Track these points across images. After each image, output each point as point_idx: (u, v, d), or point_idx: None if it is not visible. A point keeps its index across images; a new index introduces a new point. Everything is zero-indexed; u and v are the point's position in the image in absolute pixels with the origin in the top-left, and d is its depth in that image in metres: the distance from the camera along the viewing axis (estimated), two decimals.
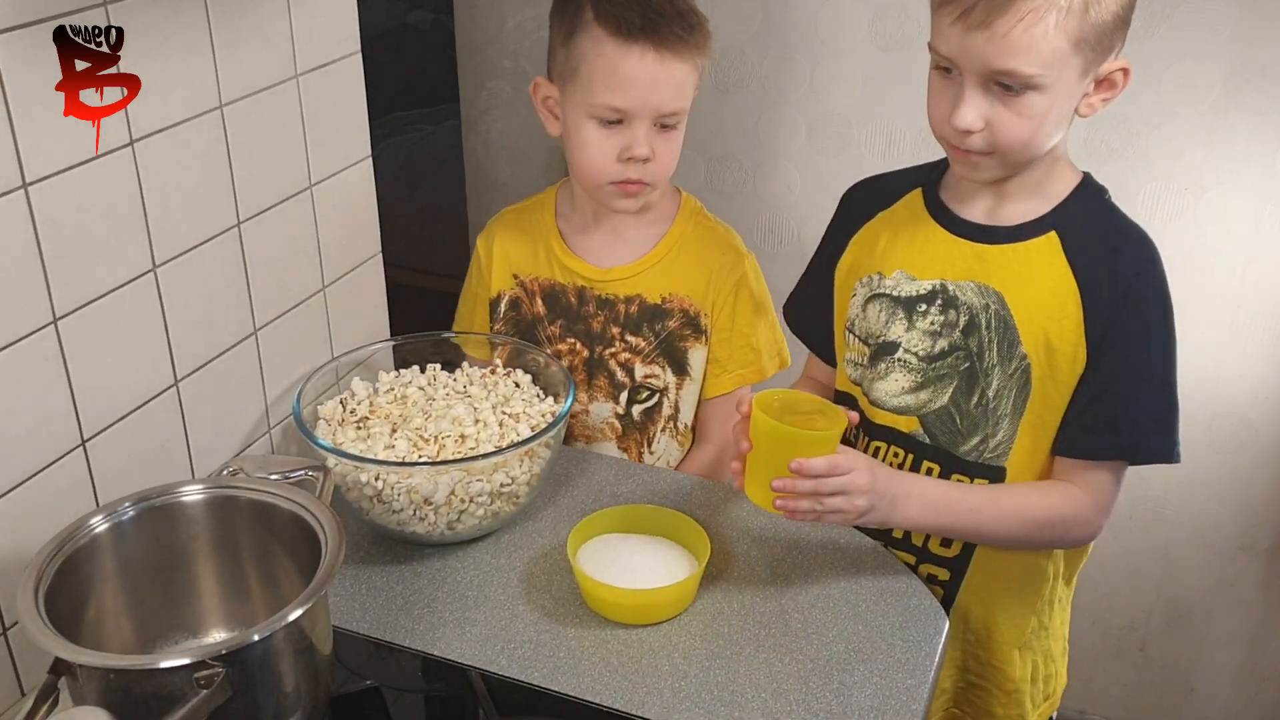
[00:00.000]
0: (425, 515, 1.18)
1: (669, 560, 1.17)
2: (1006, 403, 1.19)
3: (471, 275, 1.53)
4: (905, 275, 1.23)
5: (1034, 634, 1.31)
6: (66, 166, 0.96)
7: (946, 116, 1.12)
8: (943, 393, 1.22)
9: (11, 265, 0.93)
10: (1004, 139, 1.11)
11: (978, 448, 1.21)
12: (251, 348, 1.22)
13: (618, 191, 1.36)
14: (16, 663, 1.00)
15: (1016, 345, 1.17)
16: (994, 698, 1.34)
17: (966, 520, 1.16)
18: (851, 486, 1.09)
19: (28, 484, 0.98)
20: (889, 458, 1.26)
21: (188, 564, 0.99)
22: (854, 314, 1.28)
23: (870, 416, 1.27)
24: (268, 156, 1.19)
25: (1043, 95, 1.08)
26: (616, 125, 1.32)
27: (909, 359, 1.23)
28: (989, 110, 1.10)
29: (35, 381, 0.97)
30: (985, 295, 1.18)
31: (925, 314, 1.22)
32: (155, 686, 0.82)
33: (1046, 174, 1.18)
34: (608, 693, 1.04)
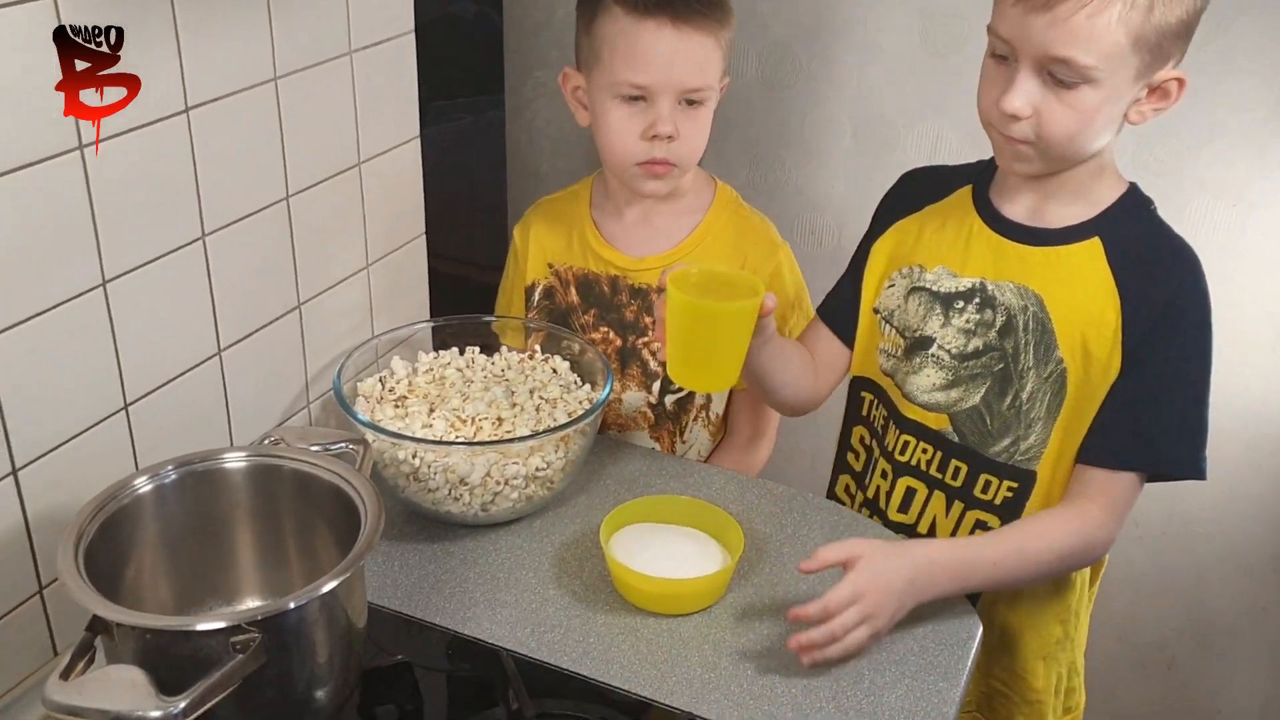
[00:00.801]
0: (460, 495, 1.18)
1: (701, 552, 1.17)
2: (1040, 406, 1.18)
3: (509, 265, 1.53)
4: (947, 271, 1.23)
5: (1058, 644, 1.30)
6: (122, 130, 0.96)
7: (995, 100, 1.11)
8: (974, 392, 1.21)
9: (65, 226, 0.93)
10: (1050, 130, 1.10)
11: (1008, 449, 1.20)
12: (295, 321, 1.23)
13: (644, 173, 1.35)
14: (51, 622, 1.00)
15: (1053, 349, 1.17)
16: (1016, 707, 1.33)
17: (991, 574, 1.13)
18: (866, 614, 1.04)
19: (70, 444, 0.98)
20: (917, 454, 1.25)
21: (227, 530, 0.99)
22: (894, 304, 1.28)
23: (902, 410, 1.27)
24: (319, 131, 1.20)
25: (1095, 90, 1.07)
26: (639, 104, 1.31)
27: (942, 355, 1.22)
28: (1039, 99, 1.09)
29: (82, 343, 0.98)
30: (1024, 297, 1.18)
31: (962, 311, 1.21)
32: (191, 649, 0.82)
33: (1092, 179, 1.17)
34: (637, 680, 1.04)
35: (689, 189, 1.43)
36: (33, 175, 0.89)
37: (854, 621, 1.04)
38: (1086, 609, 1.32)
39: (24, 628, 0.98)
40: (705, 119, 1.35)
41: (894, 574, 1.07)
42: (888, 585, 1.06)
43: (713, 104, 1.35)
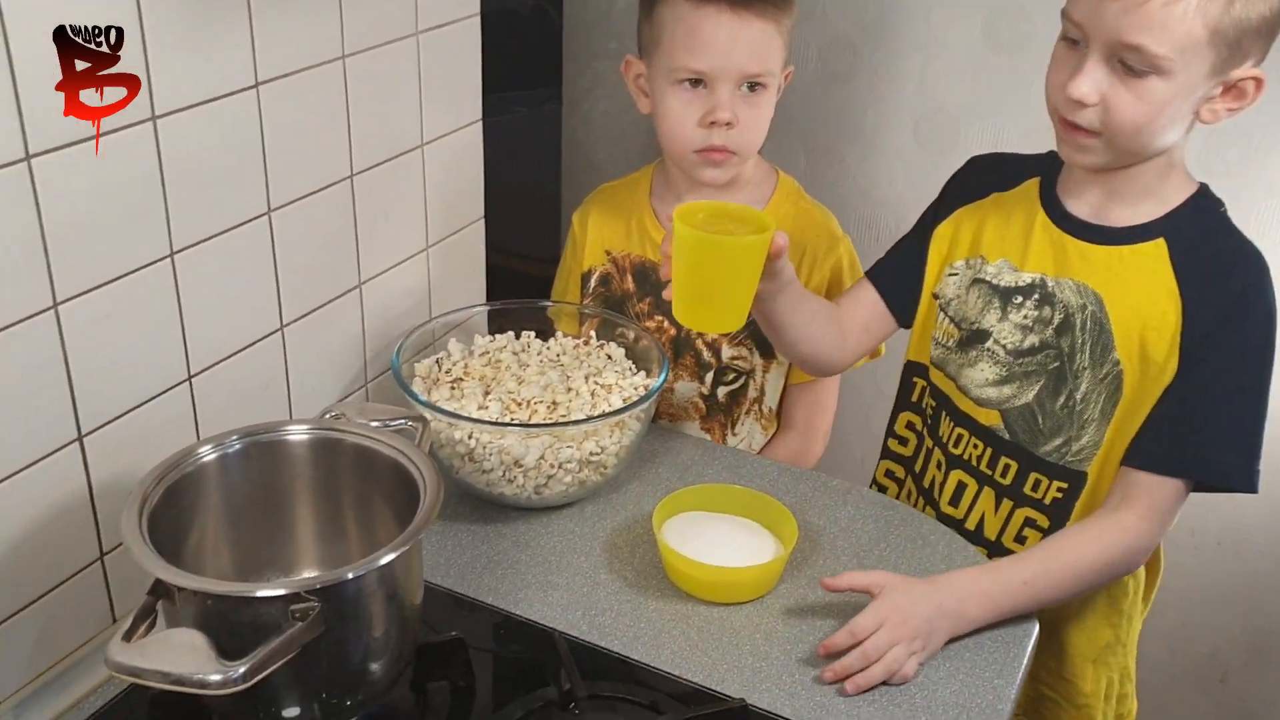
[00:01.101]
0: (514, 477, 1.18)
1: (754, 541, 1.16)
2: (1095, 407, 1.16)
3: (567, 251, 1.53)
4: (1008, 265, 1.21)
5: (1108, 648, 1.28)
6: (194, 103, 0.97)
7: (1063, 85, 1.09)
8: (1028, 390, 1.19)
9: (136, 195, 0.94)
10: (1117, 120, 1.07)
11: (1059, 449, 1.18)
12: (355, 300, 1.24)
13: (703, 160, 1.34)
14: (111, 589, 1.01)
15: (1110, 350, 1.14)
16: (1064, 711, 1.31)
17: (1024, 595, 1.10)
18: (895, 638, 1.03)
19: (134, 413, 0.99)
20: (969, 448, 1.24)
21: (287, 502, 1.00)
22: (953, 294, 1.26)
23: (956, 402, 1.25)
24: (384, 111, 1.20)
25: (1166, 82, 1.05)
26: (699, 89, 1.31)
27: (997, 350, 1.20)
28: (1107, 87, 1.06)
29: (149, 313, 0.99)
30: (1083, 295, 1.16)
31: (1020, 307, 1.19)
32: (251, 615, 0.82)
33: (1160, 178, 1.14)
34: (688, 666, 1.04)
35: (750, 179, 1.43)
36: (107, 144, 0.90)
37: (885, 644, 1.03)
38: (1140, 614, 1.30)
39: (85, 593, 0.99)
40: (766, 106, 1.34)
41: (919, 601, 1.06)
42: (912, 609, 1.05)
43: (774, 92, 1.34)
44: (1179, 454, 1.13)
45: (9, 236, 0.85)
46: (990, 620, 1.09)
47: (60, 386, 0.92)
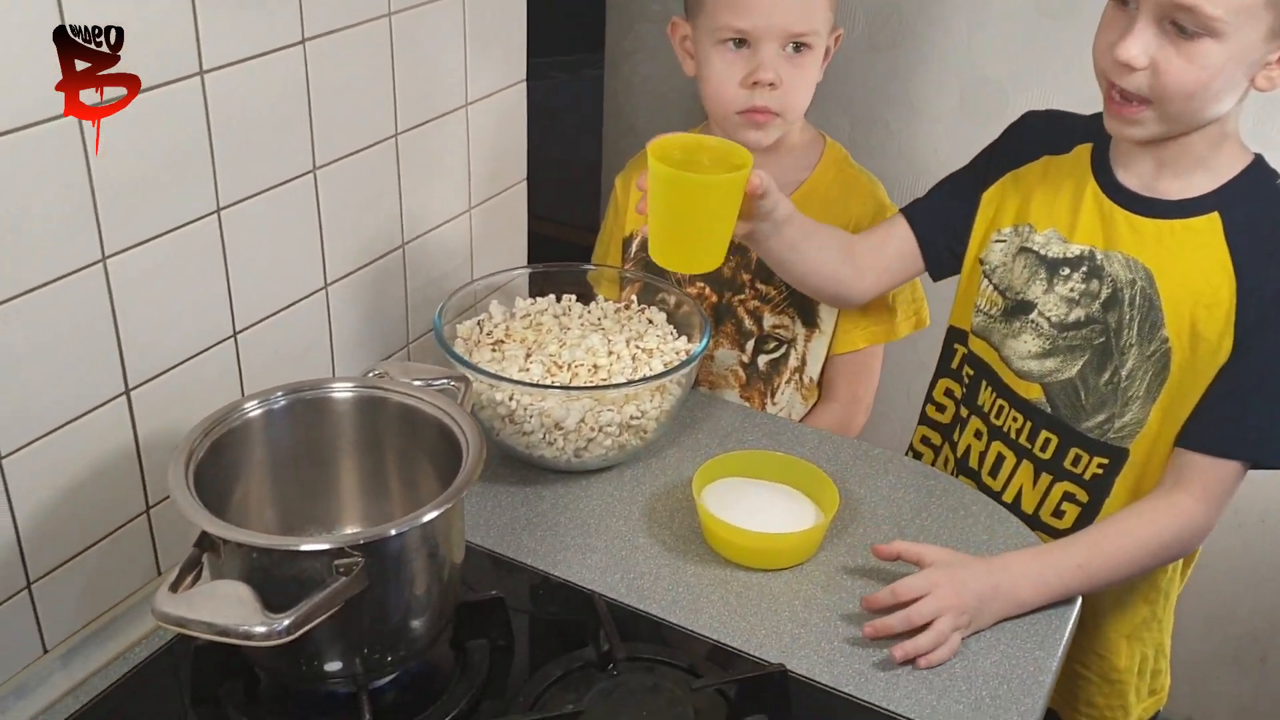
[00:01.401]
0: (554, 440, 1.18)
1: (794, 508, 1.16)
2: (1140, 385, 1.14)
3: (609, 215, 1.52)
4: (1057, 235, 1.18)
5: (1144, 624, 1.27)
6: (242, 58, 0.97)
7: (1111, 47, 1.05)
8: (1072, 364, 1.17)
9: (184, 151, 0.95)
10: (1168, 85, 1.03)
11: (1101, 426, 1.16)
12: (398, 260, 1.24)
13: (745, 121, 1.33)
14: (156, 542, 1.02)
15: (1159, 327, 1.12)
16: (1095, 687, 1.30)
17: (1077, 578, 1.08)
18: (943, 607, 1.01)
19: (180, 368, 1.00)
20: (1008, 420, 1.22)
21: (331, 459, 1.00)
22: (999, 261, 1.23)
23: (998, 373, 1.23)
24: (429, 70, 1.20)
25: (1219, 45, 1.01)
26: (742, 49, 1.29)
27: (1041, 323, 1.18)
28: (1157, 50, 1.03)
29: (196, 269, 0.99)
30: (1133, 270, 1.13)
31: (1067, 279, 1.17)
32: (296, 569, 0.83)
33: (1213, 148, 1.11)
34: (726, 631, 1.03)
35: (796, 144, 1.41)
36: (155, 99, 0.90)
37: (931, 612, 1.01)
38: (1177, 590, 1.29)
39: (131, 545, 1.00)
40: (810, 68, 1.32)
41: (974, 578, 1.04)
42: (966, 583, 1.03)
43: (820, 53, 1.32)
44: (1237, 435, 1.11)
45: (59, 190, 0.85)
46: (1042, 603, 1.07)
47: (108, 340, 0.92)
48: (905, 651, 1.00)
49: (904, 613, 1.02)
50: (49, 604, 0.94)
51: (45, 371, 0.88)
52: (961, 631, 1.03)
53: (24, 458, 0.88)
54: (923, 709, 0.96)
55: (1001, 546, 1.15)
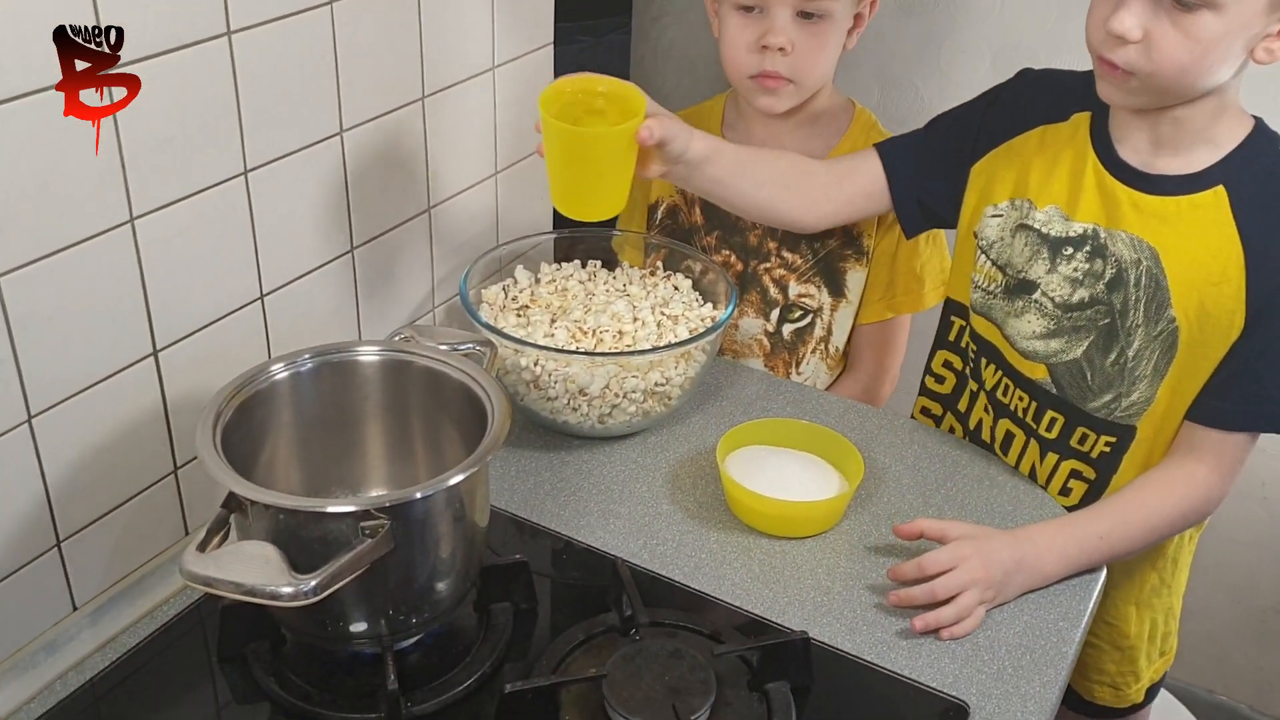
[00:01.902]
0: (579, 406, 1.18)
1: (818, 476, 1.16)
2: (1147, 364, 1.11)
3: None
4: (1059, 212, 1.14)
5: (1153, 591, 1.27)
6: (270, 18, 0.96)
7: (1104, 19, 1.01)
8: (1077, 345, 1.14)
9: (211, 112, 0.94)
10: (1161, 58, 0.99)
11: (1108, 405, 1.14)
12: (424, 225, 1.23)
13: (757, 86, 1.32)
14: (184, 502, 1.03)
15: (1166, 307, 1.08)
16: (1106, 654, 1.30)
17: (1100, 549, 1.08)
18: (969, 580, 1.01)
19: (207, 330, 1.00)
20: (1014, 399, 1.21)
21: (357, 422, 1.00)
22: (996, 236, 1.19)
23: (1002, 352, 1.21)
24: (456, 33, 1.19)
25: (1217, 17, 0.97)
26: (756, 14, 1.28)
27: (1045, 303, 1.15)
28: (1151, 21, 0.99)
29: (223, 230, 0.99)
30: (1138, 249, 1.09)
31: (1070, 259, 1.13)
32: (322, 530, 0.83)
33: (1212, 120, 1.06)
34: (749, 598, 1.04)
35: (824, 110, 1.40)
36: (183, 59, 0.90)
37: (957, 585, 1.01)
38: (1187, 556, 1.28)
39: (159, 505, 1.01)
40: (826, 36, 1.29)
41: (1000, 550, 1.04)
42: (993, 556, 1.03)
43: (839, 22, 1.30)
44: (1254, 409, 1.09)
45: (87, 150, 0.85)
46: (1065, 575, 1.07)
47: (136, 300, 0.93)
48: (926, 623, 1.00)
49: (929, 586, 1.01)
50: (78, 562, 0.95)
51: (74, 332, 0.89)
52: (986, 605, 1.02)
53: (53, 417, 0.89)
54: (945, 678, 0.96)
55: (1027, 517, 1.15)
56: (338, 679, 0.93)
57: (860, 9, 1.32)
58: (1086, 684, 1.32)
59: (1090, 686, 1.32)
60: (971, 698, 0.95)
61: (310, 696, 0.91)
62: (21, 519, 0.89)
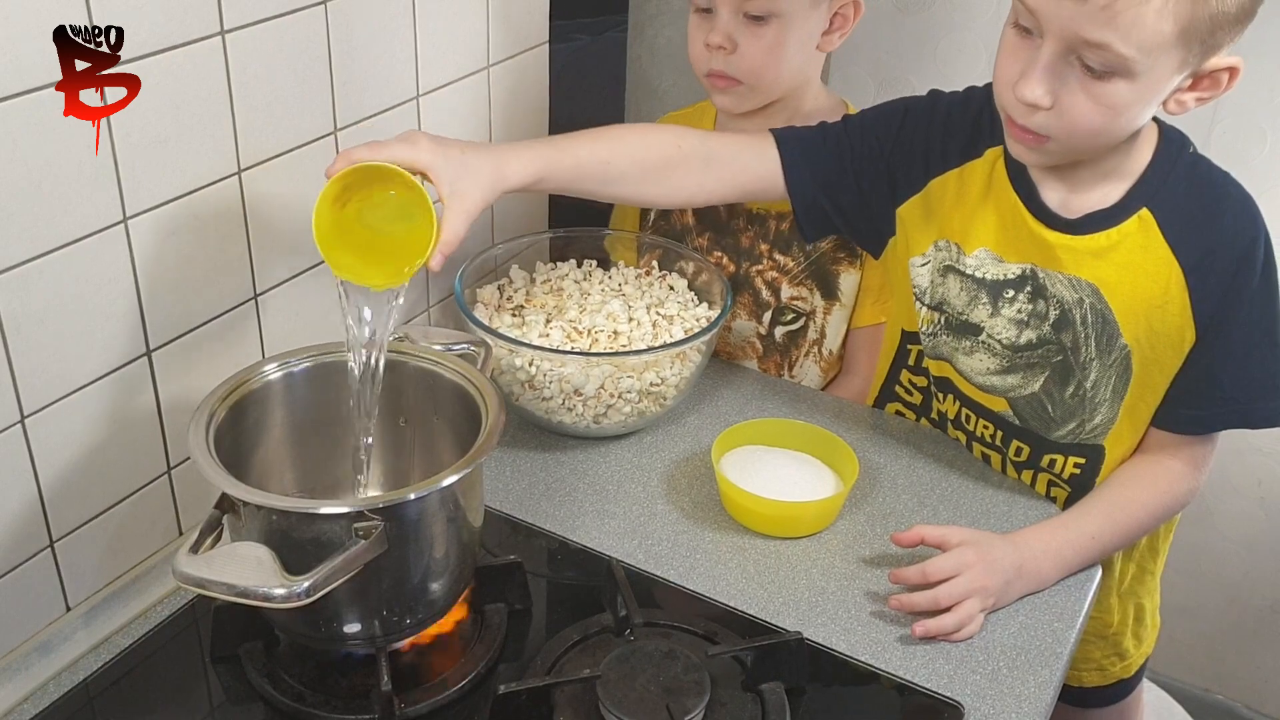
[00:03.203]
0: (574, 406, 1.18)
1: (813, 476, 1.16)
2: (1105, 389, 1.10)
3: None
4: (990, 255, 1.11)
5: (1135, 579, 1.27)
6: (263, 17, 0.96)
7: (1012, 82, 0.97)
8: (1033, 380, 1.13)
9: (206, 111, 0.94)
10: (1072, 125, 0.96)
11: (1073, 431, 1.14)
12: None
13: (710, 85, 1.32)
14: (178, 503, 1.03)
15: (1116, 337, 1.07)
16: (1091, 643, 1.30)
17: (1092, 550, 1.09)
18: (973, 588, 1.01)
19: (201, 330, 1.00)
20: (979, 427, 1.20)
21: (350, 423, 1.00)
22: (926, 283, 1.16)
23: (960, 387, 1.19)
24: (451, 31, 1.19)
25: (1130, 85, 0.93)
26: (707, 14, 1.28)
27: (993, 344, 1.13)
28: (1060, 87, 0.94)
29: (218, 230, 0.99)
30: (1078, 289, 1.07)
31: (1012, 300, 1.10)
32: (315, 532, 0.83)
33: (1125, 156, 1.04)
34: (744, 598, 1.04)
35: (813, 111, 1.39)
36: (176, 59, 0.89)
37: (960, 593, 1.01)
38: (1164, 542, 1.28)
39: (153, 506, 1.01)
40: (773, 37, 1.26)
41: (1002, 558, 1.04)
42: (996, 564, 1.03)
43: (792, 22, 1.26)
44: (1217, 414, 1.10)
45: (81, 150, 0.85)
46: (1061, 578, 1.08)
47: (129, 300, 0.92)
48: (928, 630, 1.00)
49: (932, 593, 1.01)
50: (71, 563, 0.95)
51: (67, 332, 0.88)
52: (986, 611, 1.03)
53: (46, 417, 0.89)
54: (940, 679, 0.96)
55: (1022, 517, 1.15)
56: (331, 680, 0.92)
57: (841, 9, 1.30)
58: (1074, 673, 1.33)
59: (1079, 675, 1.33)
60: (966, 698, 0.95)
61: (304, 697, 0.91)
62: (14, 520, 0.89)
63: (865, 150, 1.17)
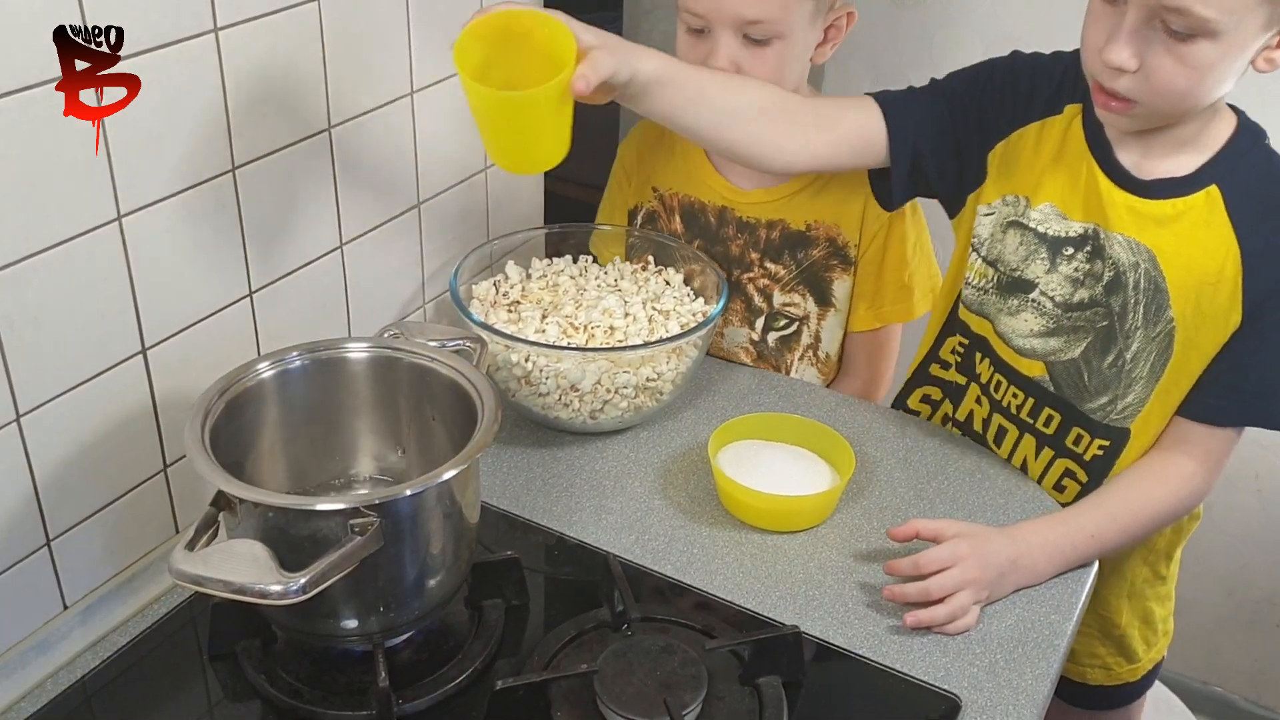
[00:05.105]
0: (570, 402, 1.18)
1: (810, 471, 1.16)
2: (1144, 366, 1.11)
3: (612, 184, 1.49)
4: (1055, 211, 1.12)
5: (1145, 583, 1.27)
6: (256, 15, 0.96)
7: (1098, 48, 1.00)
8: (1075, 345, 1.13)
9: (199, 109, 0.94)
10: (1158, 88, 0.98)
11: (1105, 407, 1.14)
12: (414, 220, 1.23)
13: None
14: (174, 501, 1.03)
15: (1165, 309, 1.08)
16: (1098, 641, 1.30)
17: (1090, 547, 1.09)
18: (966, 580, 1.01)
19: (197, 327, 1.00)
20: (1008, 396, 1.20)
21: (345, 419, 1.00)
22: (987, 234, 1.18)
23: (996, 349, 1.20)
24: (445, 26, 1.18)
25: (1214, 44, 0.94)
26: (703, 35, 1.24)
27: (1044, 302, 1.14)
28: (1146, 50, 0.97)
29: (212, 228, 0.99)
30: (1136, 253, 1.08)
31: (1071, 258, 1.11)
32: (311, 528, 0.83)
33: (1203, 127, 1.06)
34: (741, 592, 1.04)
35: None
36: (169, 56, 0.89)
37: (953, 585, 1.01)
38: (1181, 545, 1.28)
39: (149, 504, 1.01)
40: (775, 59, 1.24)
41: (997, 551, 1.04)
42: (990, 557, 1.03)
43: (792, 41, 1.24)
44: (1239, 406, 1.10)
45: (74, 148, 0.85)
46: (1057, 573, 1.07)
47: (124, 299, 0.92)
48: (919, 620, 1.00)
49: (923, 585, 1.01)
50: (68, 561, 0.95)
51: (62, 330, 0.88)
52: (980, 604, 1.03)
53: (42, 415, 0.89)
54: (937, 672, 0.97)
55: (1018, 510, 1.15)
56: (329, 676, 0.93)
57: (835, 21, 1.30)
58: (1079, 669, 1.32)
59: (1083, 671, 1.32)
60: (964, 691, 0.95)
61: (301, 694, 0.91)
62: (10, 518, 0.89)
63: (959, 103, 1.19)
